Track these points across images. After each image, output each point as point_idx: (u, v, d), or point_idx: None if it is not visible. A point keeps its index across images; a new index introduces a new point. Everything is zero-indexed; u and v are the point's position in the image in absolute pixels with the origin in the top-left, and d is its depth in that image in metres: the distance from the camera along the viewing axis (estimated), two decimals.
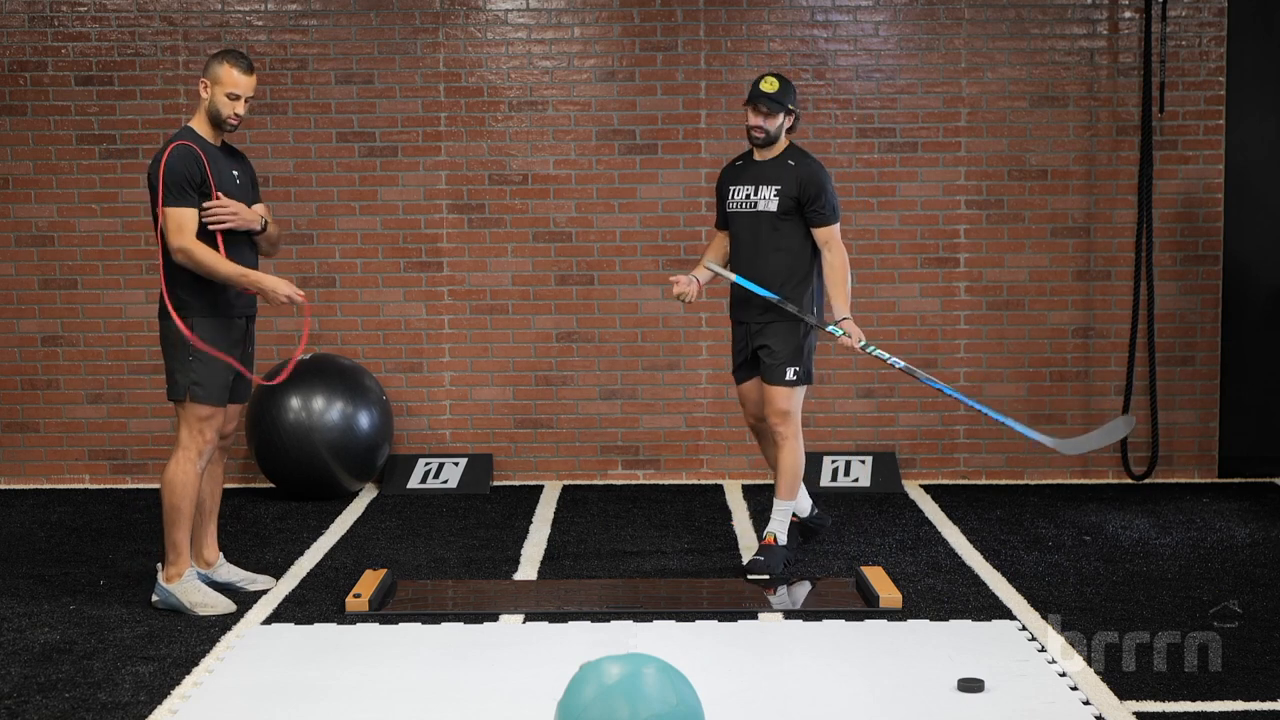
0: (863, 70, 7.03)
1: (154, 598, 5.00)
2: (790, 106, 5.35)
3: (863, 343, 5.34)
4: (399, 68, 7.03)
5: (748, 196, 5.40)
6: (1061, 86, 7.02)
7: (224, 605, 4.96)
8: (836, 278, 5.35)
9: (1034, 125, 7.04)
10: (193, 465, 4.93)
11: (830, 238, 5.36)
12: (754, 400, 5.54)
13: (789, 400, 5.38)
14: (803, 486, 5.62)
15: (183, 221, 4.84)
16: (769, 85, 5.32)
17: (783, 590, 5.23)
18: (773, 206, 5.34)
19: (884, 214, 7.07)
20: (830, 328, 5.34)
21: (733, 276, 5.38)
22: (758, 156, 5.44)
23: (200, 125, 4.97)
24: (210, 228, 4.90)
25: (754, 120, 5.33)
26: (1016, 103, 7.03)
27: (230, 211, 4.91)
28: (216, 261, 4.86)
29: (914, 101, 7.03)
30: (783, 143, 5.43)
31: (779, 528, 5.53)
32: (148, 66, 7.00)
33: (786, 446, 5.42)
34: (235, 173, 5.03)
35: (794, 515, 5.62)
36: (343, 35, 7.04)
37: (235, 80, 4.93)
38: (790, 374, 5.36)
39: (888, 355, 5.46)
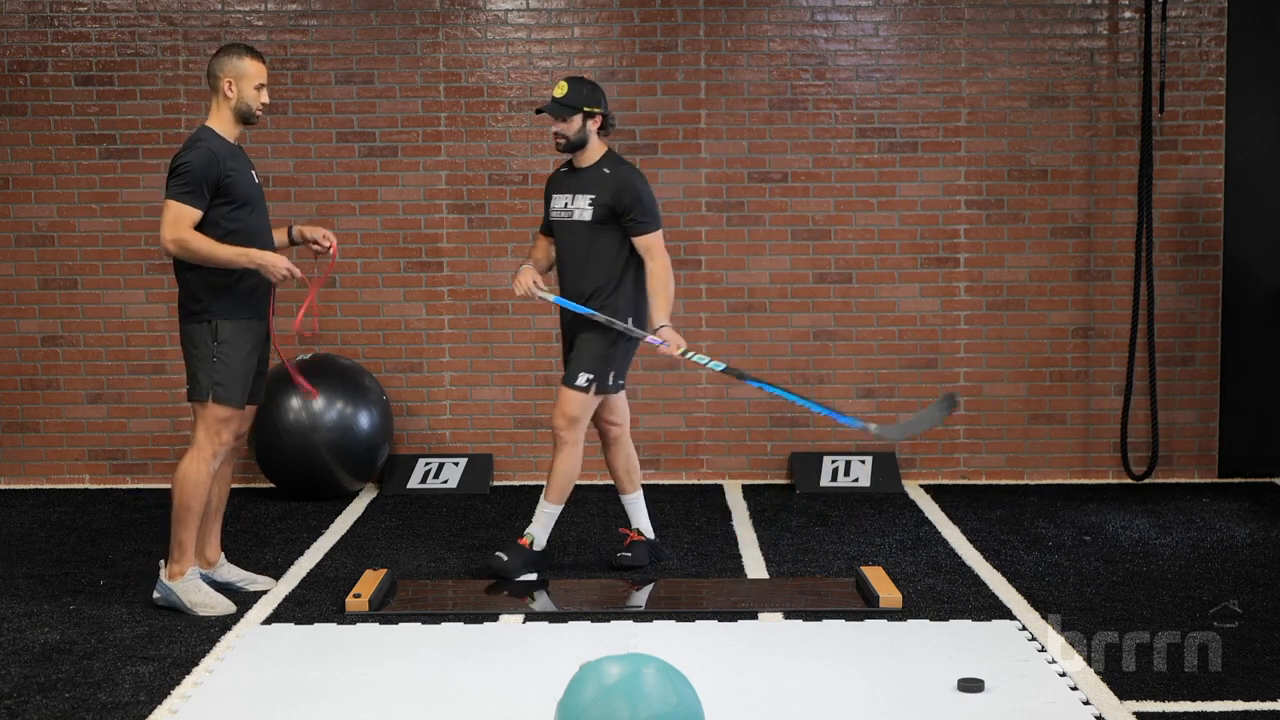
0: (863, 70, 7.03)
1: (155, 594, 5.00)
2: (586, 108, 5.21)
3: (682, 349, 5.20)
4: (399, 68, 7.03)
5: (566, 205, 5.29)
6: (1061, 86, 7.02)
7: (224, 606, 4.96)
8: (657, 286, 5.23)
9: (1034, 125, 7.04)
10: (207, 465, 4.92)
11: (651, 245, 5.25)
12: (602, 404, 5.43)
13: (577, 406, 5.28)
14: (644, 512, 5.59)
15: (180, 215, 4.79)
16: (558, 90, 5.22)
17: (782, 592, 5.23)
18: (587, 216, 5.24)
19: (884, 214, 7.07)
20: (649, 338, 5.24)
21: (551, 298, 5.29)
22: (577, 164, 5.31)
23: (223, 125, 4.93)
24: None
25: (553, 127, 5.25)
26: (1016, 103, 7.03)
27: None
28: (213, 248, 4.81)
29: (914, 101, 7.03)
30: (598, 148, 5.31)
31: (539, 530, 5.42)
32: (148, 66, 7.00)
33: (565, 452, 5.31)
34: (252, 172, 5.03)
35: (639, 533, 5.55)
36: (343, 35, 7.04)
37: (259, 70, 4.94)
38: (582, 380, 5.26)
39: (707, 359, 5.38)
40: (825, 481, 6.93)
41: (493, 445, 7.18)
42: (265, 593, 5.20)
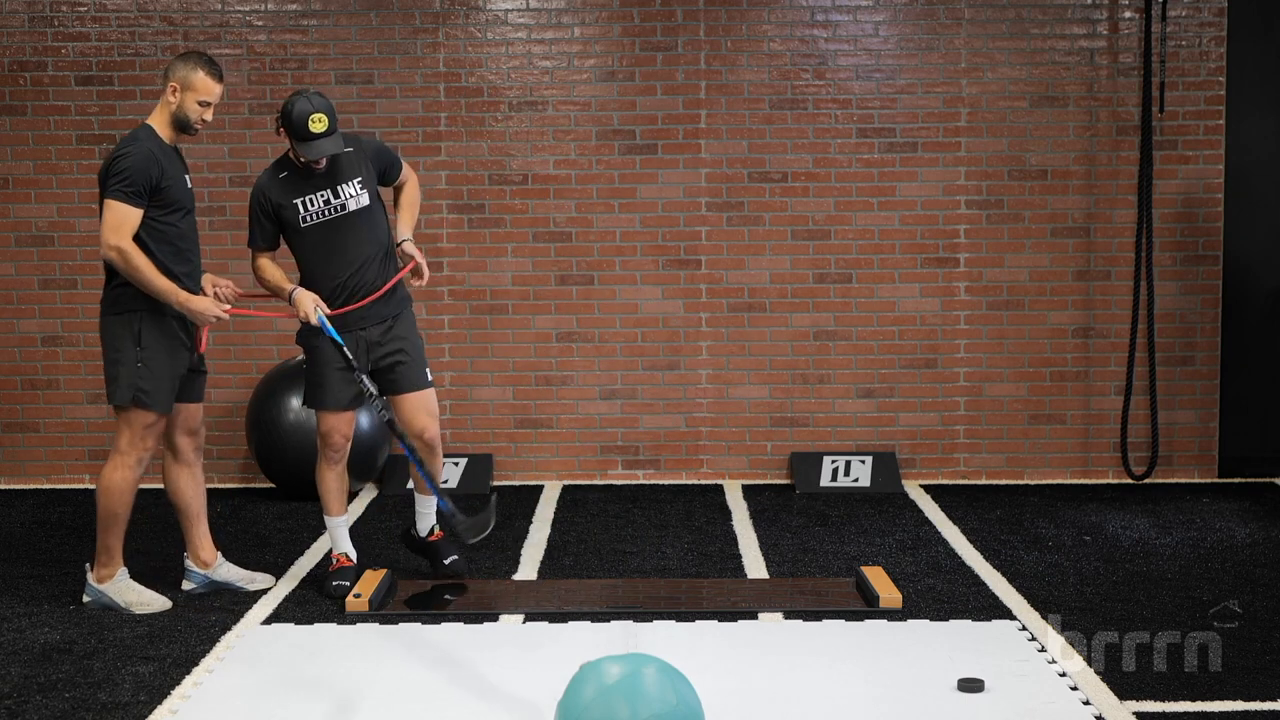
0: (863, 70, 7.03)
1: (85, 598, 5.03)
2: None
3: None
4: (399, 68, 7.03)
5: (328, 202, 4.99)
6: (1061, 86, 7.02)
7: (159, 603, 4.97)
8: (413, 198, 5.34)
9: (1034, 125, 7.04)
10: (132, 471, 4.89)
11: (408, 174, 5.33)
12: (350, 419, 5.15)
13: (436, 399, 5.29)
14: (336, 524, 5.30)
15: (125, 219, 4.71)
16: (321, 124, 4.84)
17: (781, 591, 5.23)
18: (365, 200, 5.04)
19: (884, 214, 7.07)
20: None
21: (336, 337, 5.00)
22: (314, 164, 4.97)
23: (161, 126, 4.89)
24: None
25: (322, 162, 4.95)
26: (1016, 103, 7.03)
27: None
28: (151, 273, 4.73)
29: (914, 101, 7.03)
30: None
31: (433, 519, 5.42)
32: (148, 66, 7.00)
33: (440, 444, 5.25)
34: (187, 177, 5.00)
35: (347, 556, 5.29)
36: (343, 35, 7.04)
37: (209, 88, 4.86)
38: (429, 374, 5.24)
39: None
40: (825, 481, 6.94)
41: (492, 445, 7.18)
42: (265, 592, 5.21)
